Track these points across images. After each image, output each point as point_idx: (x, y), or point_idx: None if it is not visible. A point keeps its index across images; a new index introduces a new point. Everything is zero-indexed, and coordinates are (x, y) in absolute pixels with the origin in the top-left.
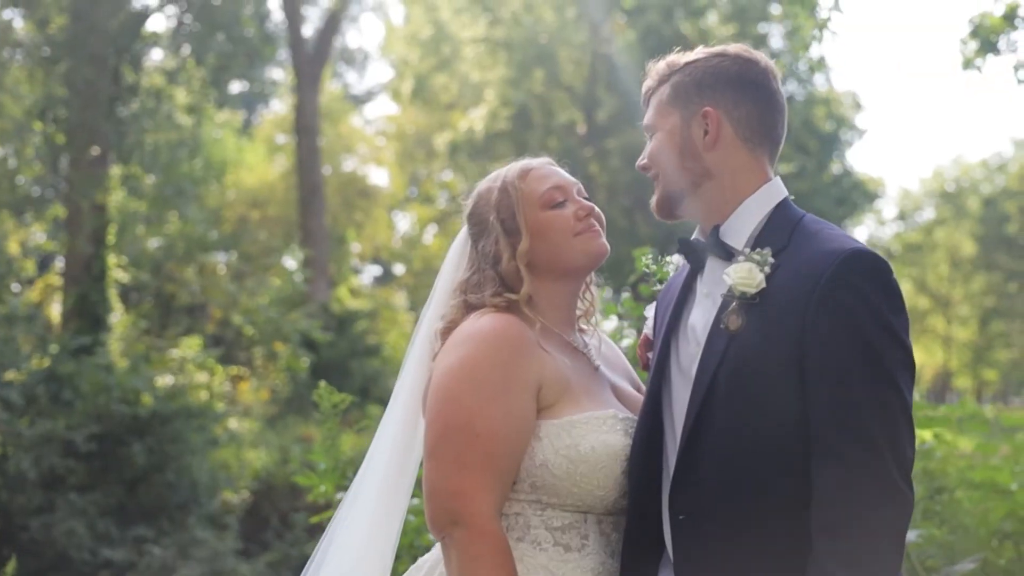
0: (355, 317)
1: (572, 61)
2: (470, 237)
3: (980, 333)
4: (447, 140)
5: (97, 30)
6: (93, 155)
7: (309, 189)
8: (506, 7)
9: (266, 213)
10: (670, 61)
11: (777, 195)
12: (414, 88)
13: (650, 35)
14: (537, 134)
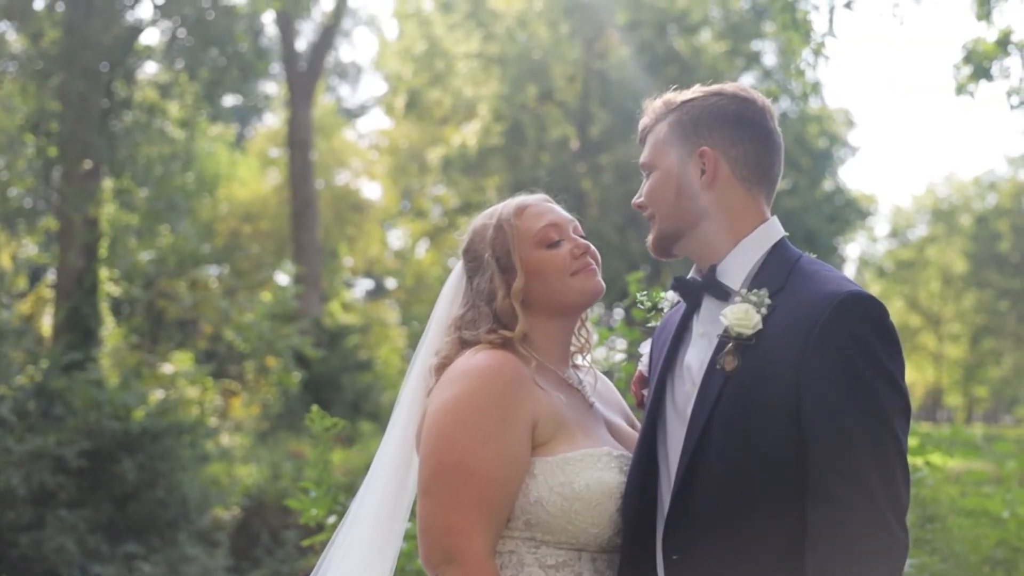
0: (347, 332)
1: (565, 77)
2: (465, 273)
3: (971, 351)
4: (440, 155)
5: (90, 44)
6: (85, 169)
7: (302, 203)
8: (500, 23)
9: (258, 227)
10: (667, 99)
11: (774, 235)
12: (407, 103)
13: (644, 51)
14: (530, 149)
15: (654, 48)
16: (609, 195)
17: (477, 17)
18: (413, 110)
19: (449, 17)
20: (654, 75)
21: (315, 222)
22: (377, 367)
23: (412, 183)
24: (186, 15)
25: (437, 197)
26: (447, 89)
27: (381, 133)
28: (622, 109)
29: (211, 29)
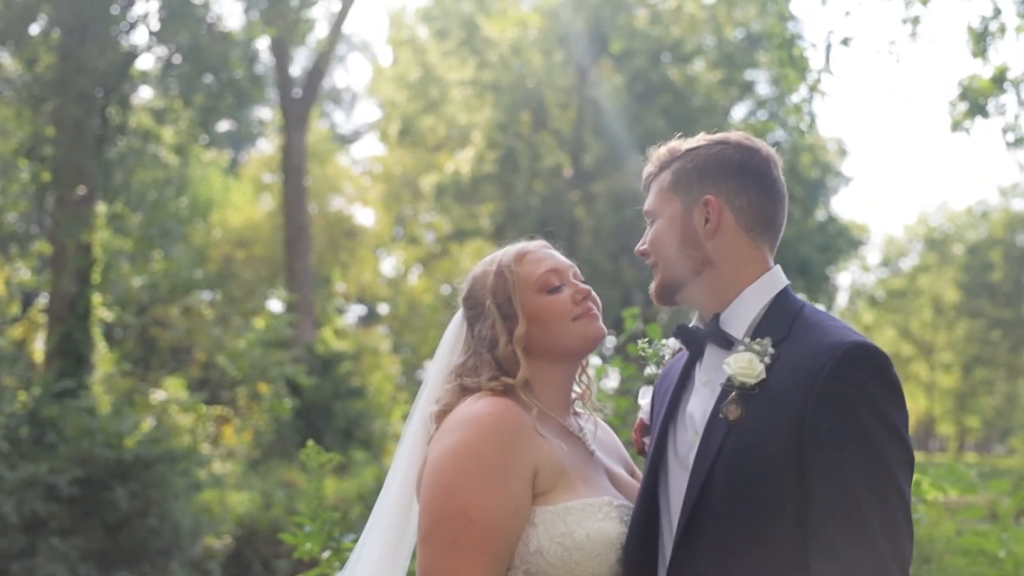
0: (339, 359)
1: (559, 105)
2: (465, 320)
3: (963, 380)
4: (433, 182)
5: (85, 69)
6: (79, 194)
7: (295, 229)
8: (494, 50)
9: (251, 253)
10: (671, 147)
11: (777, 284)
12: (401, 129)
13: (637, 80)
14: (523, 177)
15: (648, 77)
16: (602, 223)
17: (471, 44)
18: (407, 137)
19: (443, 44)
20: (648, 104)
21: (308, 248)
22: (369, 394)
23: (405, 209)
24: (181, 41)
25: (430, 224)
26: (441, 116)
27: (374, 159)
28: (616, 137)
29: (206, 55)
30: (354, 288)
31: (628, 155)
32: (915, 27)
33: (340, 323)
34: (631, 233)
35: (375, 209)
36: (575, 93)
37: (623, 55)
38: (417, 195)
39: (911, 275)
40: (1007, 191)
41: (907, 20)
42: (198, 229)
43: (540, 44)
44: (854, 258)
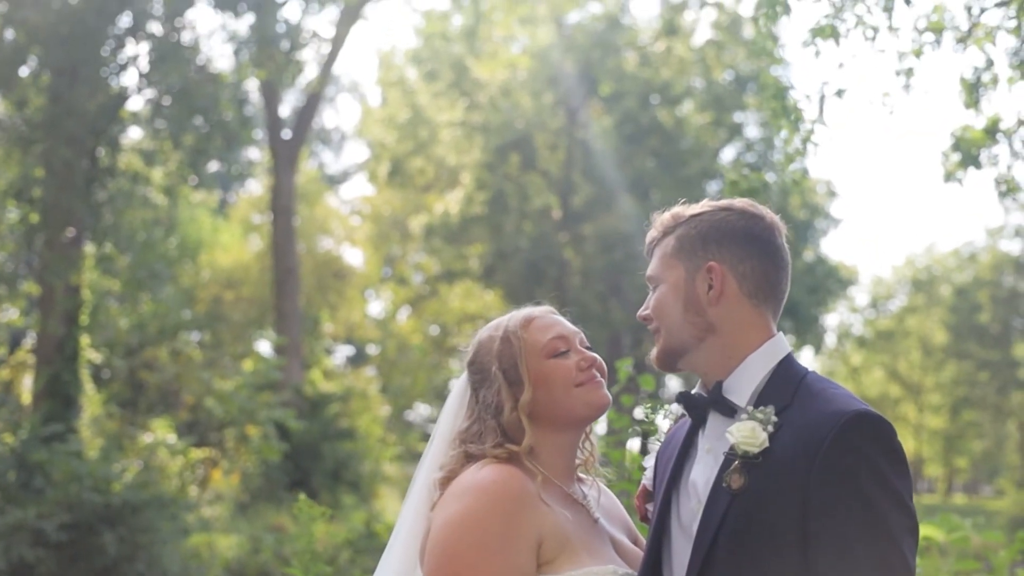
0: (328, 400)
1: (548, 146)
2: (470, 385)
3: (951, 422)
4: (422, 222)
5: (75, 112)
6: (68, 236)
7: (284, 271)
8: (483, 92)
9: (240, 293)
10: (675, 213)
11: (780, 351)
12: (390, 170)
13: (627, 122)
14: (512, 218)
15: (637, 118)
16: (591, 265)
17: (461, 86)
18: (396, 177)
19: (433, 85)
20: (637, 145)
21: (297, 290)
22: (358, 436)
23: (394, 250)
24: (171, 83)
25: (419, 264)
26: (430, 157)
27: (363, 199)
28: (605, 179)
29: (195, 97)
30: (342, 329)
31: (617, 196)
32: (909, 79)
33: (328, 364)
34: (620, 274)
35: (364, 249)
36: (564, 134)
37: (612, 97)
38: (406, 236)
39: (899, 316)
40: (994, 233)
41: (900, 72)
42: (186, 270)
43: (529, 86)
44: (842, 299)
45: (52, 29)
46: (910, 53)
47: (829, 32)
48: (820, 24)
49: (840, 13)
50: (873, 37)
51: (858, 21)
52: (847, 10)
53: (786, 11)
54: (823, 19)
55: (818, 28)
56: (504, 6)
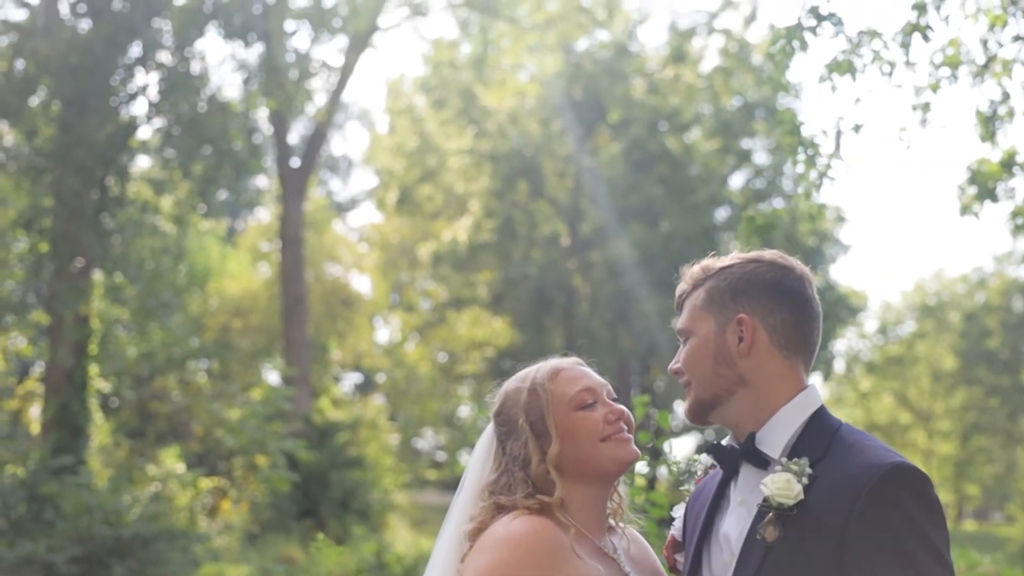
0: (336, 429)
1: (556, 173)
2: (497, 437)
3: (962, 448)
4: (431, 250)
5: (84, 141)
6: (77, 266)
7: (292, 299)
8: (492, 119)
9: (248, 322)
10: (705, 265)
11: (813, 403)
12: (399, 198)
13: (635, 149)
14: (521, 245)
15: (645, 146)
16: (599, 292)
17: (469, 114)
18: (404, 205)
19: (441, 113)
20: (645, 172)
21: (305, 318)
22: (367, 465)
23: (402, 277)
24: (181, 113)
25: (427, 291)
26: (438, 184)
27: (372, 227)
28: (613, 206)
29: (205, 126)
30: (350, 356)
31: (626, 224)
32: (925, 113)
33: (337, 392)
34: (628, 301)
35: (372, 277)
36: (572, 162)
37: (620, 124)
38: (414, 263)
39: (908, 342)
40: (1002, 258)
41: (917, 107)
42: (195, 298)
43: (538, 113)
44: (851, 325)
45: (62, 59)
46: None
47: (846, 67)
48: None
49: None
50: (890, 72)
51: (875, 56)
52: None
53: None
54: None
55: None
56: (512, 34)
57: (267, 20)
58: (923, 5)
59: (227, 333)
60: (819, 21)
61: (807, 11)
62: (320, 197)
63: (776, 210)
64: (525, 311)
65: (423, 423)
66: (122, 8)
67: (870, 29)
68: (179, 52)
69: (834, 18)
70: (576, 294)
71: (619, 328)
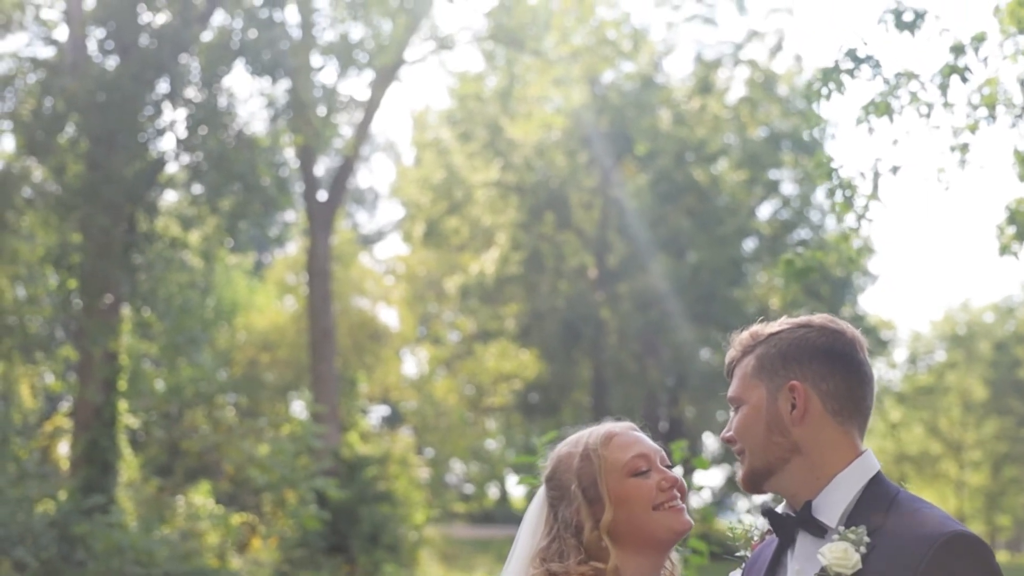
0: (365, 463)
1: (583, 205)
2: (548, 502)
3: (993, 478)
4: (458, 283)
5: (113, 178)
6: (106, 302)
7: (320, 333)
8: (518, 152)
9: (276, 356)
10: (753, 331)
11: (870, 470)
12: (426, 231)
13: (662, 180)
14: (548, 278)
15: (672, 177)
16: (627, 324)
17: (495, 146)
18: (431, 238)
19: (468, 146)
20: (672, 204)
21: (333, 352)
22: (396, 499)
23: (429, 309)
24: (210, 150)
25: (454, 324)
26: (465, 217)
27: (398, 259)
28: (640, 237)
29: (233, 162)
30: (378, 389)
31: (653, 255)
32: (964, 155)
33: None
34: (656, 333)
35: (399, 309)
36: (599, 193)
37: (647, 155)
38: (441, 296)
39: (938, 372)
40: None
41: (955, 148)
42: (223, 333)
43: (564, 145)
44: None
45: (90, 96)
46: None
47: (883, 109)
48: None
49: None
50: (927, 113)
51: (912, 98)
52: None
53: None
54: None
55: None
56: (538, 67)
57: (294, 56)
58: (961, 47)
59: (255, 367)
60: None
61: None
62: (347, 230)
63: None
64: (553, 343)
65: (451, 456)
66: (149, 44)
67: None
68: (207, 88)
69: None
70: (604, 326)
71: (647, 360)
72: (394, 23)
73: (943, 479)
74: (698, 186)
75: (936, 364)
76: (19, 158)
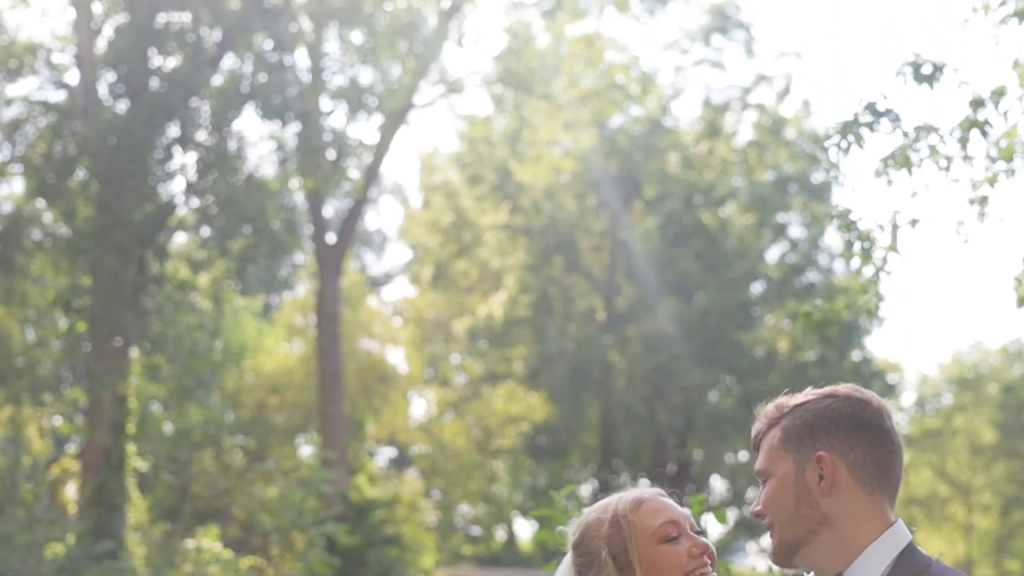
0: (373, 507)
1: (592, 248)
2: (576, 569)
3: (1002, 522)
4: (466, 325)
5: (122, 221)
6: (115, 345)
7: (328, 376)
8: (527, 195)
9: (284, 398)
10: (779, 403)
11: (901, 540)
12: (434, 273)
13: (670, 223)
14: (556, 320)
15: (680, 220)
16: (636, 367)
17: (504, 189)
18: (439, 281)
19: (476, 189)
20: (680, 247)
21: (342, 395)
22: (404, 543)
23: (437, 351)
24: (219, 193)
25: (462, 365)
26: (473, 260)
27: (406, 301)
28: (649, 280)
29: (243, 206)
30: (385, 431)
31: (661, 298)
32: (983, 208)
33: (373, 468)
34: (665, 376)
35: (406, 351)
36: (608, 236)
37: (656, 199)
38: (449, 338)
39: (946, 415)
40: None
41: (975, 200)
42: (231, 375)
43: (573, 188)
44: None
45: (100, 140)
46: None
47: (902, 162)
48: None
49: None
50: (947, 166)
51: (931, 151)
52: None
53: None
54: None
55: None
56: (547, 111)
57: (304, 100)
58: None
59: (263, 410)
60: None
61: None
62: (355, 271)
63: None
64: (561, 386)
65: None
66: (160, 88)
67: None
68: (217, 131)
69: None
70: (612, 369)
71: (656, 403)
72: (403, 67)
73: (951, 523)
74: (706, 229)
75: (944, 407)
76: (29, 201)
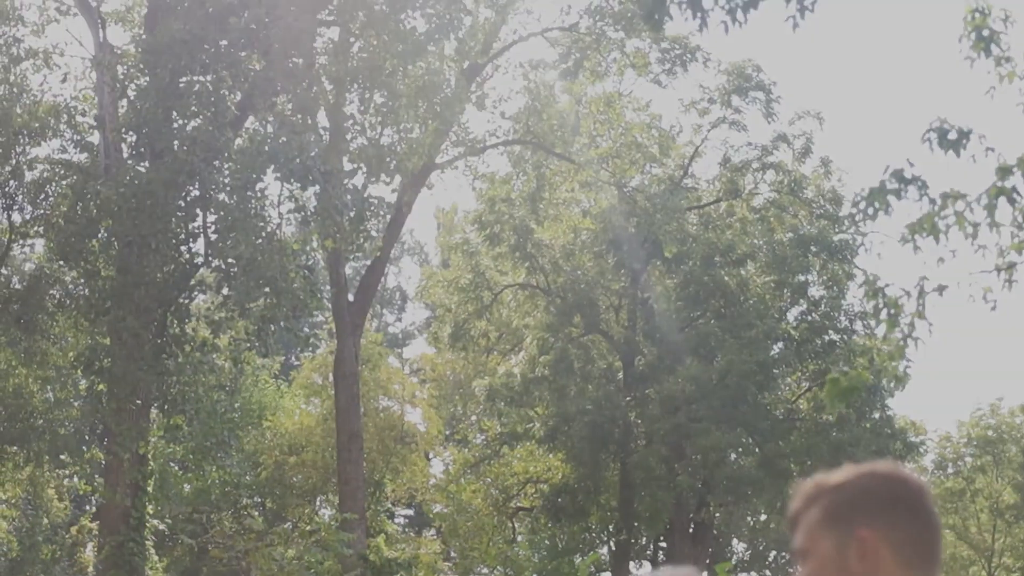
0: (393, 568)
1: (611, 308)
2: None
3: None
4: (485, 385)
5: (143, 282)
6: (135, 405)
7: (348, 436)
8: (546, 254)
9: (303, 458)
10: (818, 481)
11: None
12: (452, 333)
13: (690, 283)
14: (576, 380)
15: (700, 280)
16: (655, 427)
17: (523, 248)
18: (458, 340)
19: (496, 248)
20: (700, 306)
21: (361, 456)
22: None
23: (456, 411)
24: (240, 255)
25: (481, 425)
26: (492, 319)
27: (425, 359)
28: (668, 340)
29: (263, 267)
30: (403, 491)
31: (681, 358)
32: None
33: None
34: (684, 436)
35: (425, 411)
36: (627, 296)
37: (675, 258)
38: (468, 398)
39: (967, 476)
40: None
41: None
42: (250, 435)
43: (592, 247)
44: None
45: (122, 201)
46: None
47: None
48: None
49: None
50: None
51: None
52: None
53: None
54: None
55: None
56: (566, 171)
57: (324, 161)
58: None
59: (281, 469)
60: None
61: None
62: (374, 331)
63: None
64: (580, 446)
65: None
66: (181, 150)
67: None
68: (237, 193)
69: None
70: (632, 429)
71: (675, 463)
72: (424, 128)
73: None
74: (726, 289)
75: (965, 468)
76: (50, 261)
